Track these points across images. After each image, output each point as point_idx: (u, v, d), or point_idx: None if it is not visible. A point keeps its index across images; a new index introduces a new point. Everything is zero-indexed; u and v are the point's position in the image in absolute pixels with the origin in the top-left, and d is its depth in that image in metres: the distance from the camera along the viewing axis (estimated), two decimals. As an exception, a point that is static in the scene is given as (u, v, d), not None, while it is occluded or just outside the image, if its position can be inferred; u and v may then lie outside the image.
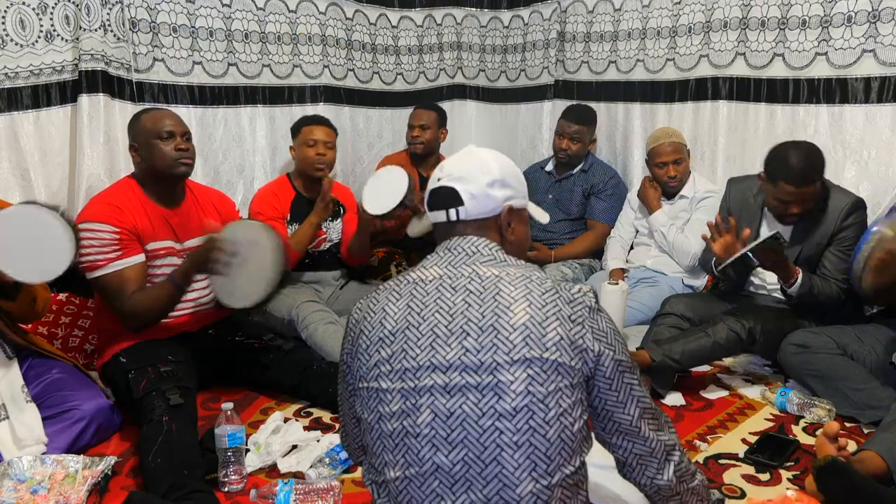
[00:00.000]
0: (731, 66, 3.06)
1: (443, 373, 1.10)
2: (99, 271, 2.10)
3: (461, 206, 1.22)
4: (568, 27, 3.67)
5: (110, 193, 2.22)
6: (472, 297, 1.14)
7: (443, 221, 1.24)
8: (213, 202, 2.44)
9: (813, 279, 2.39)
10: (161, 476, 1.74)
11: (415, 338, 1.13)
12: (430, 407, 1.10)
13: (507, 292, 1.12)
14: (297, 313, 2.64)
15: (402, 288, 1.19)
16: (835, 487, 1.64)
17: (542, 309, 1.10)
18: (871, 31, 2.62)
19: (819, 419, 2.17)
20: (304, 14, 3.39)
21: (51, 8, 2.58)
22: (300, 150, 2.92)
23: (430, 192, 1.26)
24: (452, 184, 1.23)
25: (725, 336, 2.33)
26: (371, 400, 1.17)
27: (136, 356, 2.12)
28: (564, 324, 1.10)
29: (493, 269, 1.16)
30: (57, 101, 2.65)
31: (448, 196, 1.23)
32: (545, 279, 1.16)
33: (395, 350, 1.14)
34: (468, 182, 1.22)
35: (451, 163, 1.27)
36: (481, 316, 1.11)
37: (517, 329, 1.09)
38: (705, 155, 3.21)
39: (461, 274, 1.17)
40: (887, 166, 2.65)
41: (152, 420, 1.89)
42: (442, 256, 1.22)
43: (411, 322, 1.15)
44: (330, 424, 2.20)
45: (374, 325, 1.18)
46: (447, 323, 1.13)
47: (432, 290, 1.17)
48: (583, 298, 1.14)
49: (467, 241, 1.21)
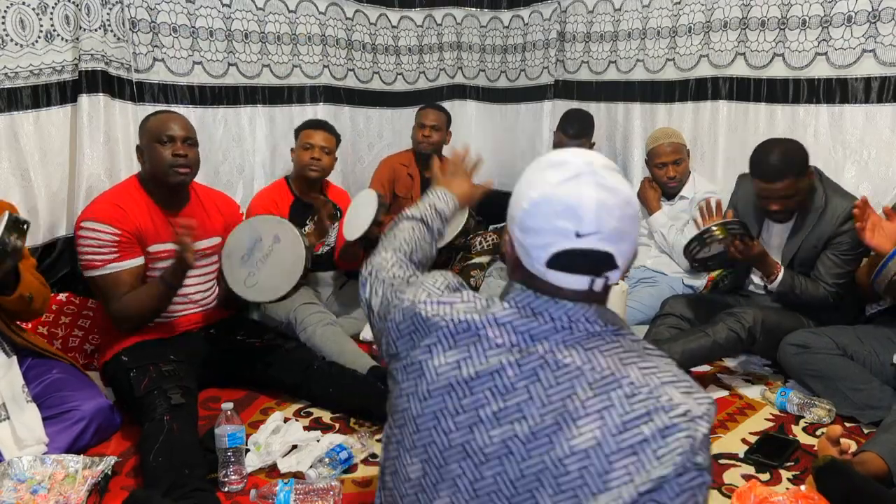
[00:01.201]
0: (731, 66, 3.06)
1: (474, 467, 0.92)
2: (94, 271, 2.10)
3: (613, 270, 0.93)
4: (568, 27, 3.67)
5: (115, 193, 2.22)
6: (537, 387, 0.91)
7: (572, 289, 0.94)
8: (217, 204, 2.45)
9: (796, 278, 2.40)
10: (162, 475, 1.74)
11: (453, 408, 0.94)
12: (451, 497, 0.94)
13: (581, 397, 0.88)
14: (296, 315, 2.64)
15: (459, 335, 0.97)
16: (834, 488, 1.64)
17: (615, 436, 0.86)
18: (871, 31, 2.62)
19: (819, 419, 2.17)
20: (304, 14, 3.39)
21: (51, 8, 2.58)
22: (297, 151, 2.93)
23: (564, 254, 0.91)
24: (607, 247, 0.90)
25: (725, 336, 2.33)
26: (391, 446, 1.03)
27: (137, 355, 2.12)
28: (642, 463, 0.85)
29: (577, 355, 0.91)
30: (57, 101, 2.64)
31: (597, 261, 0.92)
32: (641, 382, 0.88)
33: (426, 410, 0.96)
34: (624, 241, 0.92)
35: (590, 216, 0.89)
36: (539, 418, 0.89)
37: (576, 454, 0.87)
38: (705, 155, 3.22)
39: (536, 350, 0.93)
40: (887, 166, 2.65)
41: (153, 419, 1.89)
42: (522, 316, 0.96)
43: (454, 387, 0.95)
44: (330, 424, 2.20)
45: (415, 362, 1.00)
46: (497, 410, 0.92)
47: (493, 358, 0.94)
48: (683, 432, 0.85)
49: (560, 310, 0.94)
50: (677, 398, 0.87)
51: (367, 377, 2.33)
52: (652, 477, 0.84)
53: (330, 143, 2.93)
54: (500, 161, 4.16)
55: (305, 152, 2.88)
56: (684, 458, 0.85)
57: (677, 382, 0.90)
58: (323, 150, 2.88)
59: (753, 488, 1.62)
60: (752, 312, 2.37)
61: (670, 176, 3.05)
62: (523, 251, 0.96)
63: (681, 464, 0.85)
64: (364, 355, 2.50)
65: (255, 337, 2.40)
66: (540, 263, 0.93)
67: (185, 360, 2.15)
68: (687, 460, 0.85)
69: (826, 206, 2.38)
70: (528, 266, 0.96)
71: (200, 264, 2.33)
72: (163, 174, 2.18)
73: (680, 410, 0.86)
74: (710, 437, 0.89)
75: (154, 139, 2.16)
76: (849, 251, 2.35)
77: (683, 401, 0.87)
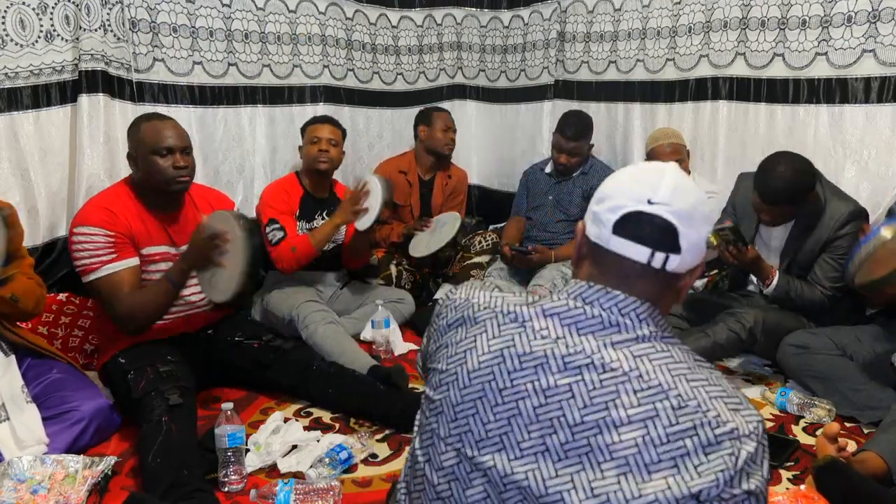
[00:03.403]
0: (731, 66, 3.06)
1: (508, 461, 0.90)
2: (93, 275, 2.09)
3: (675, 253, 0.91)
4: (568, 27, 3.66)
5: (104, 197, 2.21)
6: (580, 386, 0.88)
7: (632, 260, 0.92)
8: (211, 203, 2.43)
9: (792, 283, 2.40)
10: (161, 476, 1.74)
11: (493, 398, 0.92)
12: (485, 487, 0.92)
13: (626, 404, 0.86)
14: (298, 313, 2.65)
15: (505, 326, 0.96)
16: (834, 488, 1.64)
17: (657, 447, 0.84)
18: (871, 31, 2.62)
19: (819, 419, 2.17)
20: (304, 14, 3.39)
21: (51, 8, 2.58)
22: (305, 147, 2.96)
23: (633, 216, 0.91)
24: (675, 221, 0.90)
25: (725, 336, 2.33)
26: (426, 435, 1.00)
27: (135, 356, 2.12)
28: (682, 475, 0.83)
29: (625, 359, 0.89)
30: (57, 101, 2.64)
31: (663, 232, 0.91)
32: (689, 395, 0.86)
33: (465, 397, 0.95)
34: (692, 226, 0.91)
35: (667, 187, 0.91)
36: (580, 419, 0.87)
37: (615, 460, 0.85)
38: (705, 155, 3.21)
39: (582, 348, 0.90)
40: (887, 166, 2.65)
41: (151, 420, 1.89)
42: (572, 307, 0.94)
43: (496, 376, 0.93)
44: (330, 424, 2.20)
45: (459, 350, 0.99)
46: (537, 405, 0.90)
47: (538, 349, 0.92)
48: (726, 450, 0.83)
49: (611, 301, 0.92)
50: (725, 415, 0.85)
51: (367, 377, 2.33)
52: (688, 491, 0.82)
53: (336, 135, 2.96)
54: (500, 161, 4.16)
55: (313, 146, 2.91)
56: (725, 475, 0.83)
57: (726, 398, 0.87)
58: (330, 142, 2.92)
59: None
60: (753, 313, 2.37)
61: (670, 176, 3.04)
62: (594, 220, 0.96)
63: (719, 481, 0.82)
64: (364, 355, 2.50)
65: (254, 338, 2.39)
66: (607, 228, 0.92)
67: (182, 361, 2.15)
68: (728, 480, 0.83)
69: (825, 209, 2.38)
70: (595, 237, 0.95)
71: None
72: (164, 185, 2.16)
73: (727, 428, 0.84)
74: (759, 457, 0.86)
75: (151, 151, 2.13)
76: (845, 255, 2.35)
77: (731, 418, 0.85)
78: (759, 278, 2.45)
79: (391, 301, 2.96)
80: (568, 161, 3.29)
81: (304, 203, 2.94)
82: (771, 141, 2.93)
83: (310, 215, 2.94)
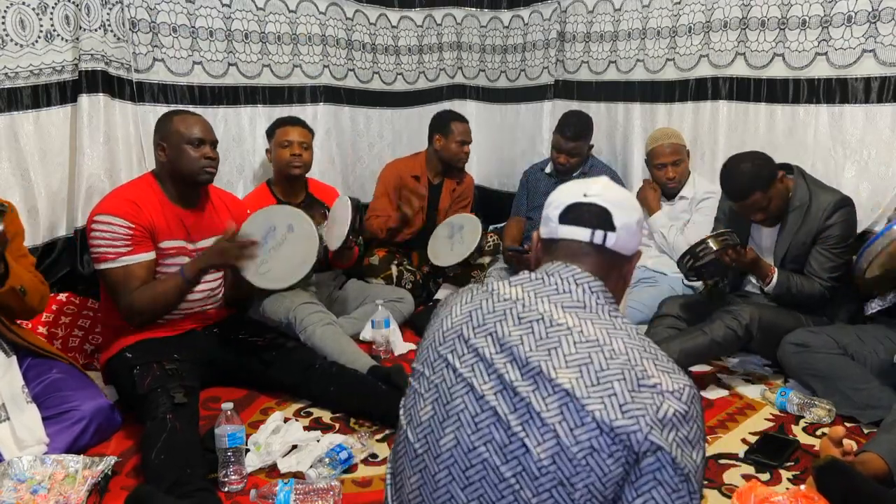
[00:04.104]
0: (731, 66, 3.06)
1: (475, 399, 1.03)
2: (107, 263, 2.12)
3: (612, 231, 1.09)
4: (568, 27, 3.66)
5: (130, 189, 2.25)
6: (529, 337, 1.03)
7: (577, 241, 1.10)
8: (227, 203, 2.48)
9: (791, 278, 2.42)
10: (164, 473, 1.74)
11: (461, 349, 1.07)
12: (455, 433, 1.04)
13: (564, 352, 1.00)
14: (295, 315, 2.63)
15: (477, 294, 1.13)
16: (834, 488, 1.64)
17: (588, 387, 0.96)
18: (871, 31, 2.62)
19: (819, 419, 2.17)
20: (304, 14, 3.39)
21: (51, 8, 2.58)
22: (275, 151, 2.91)
23: (573, 206, 1.11)
24: (606, 206, 1.10)
25: (723, 334, 2.34)
26: (409, 398, 1.14)
27: (142, 352, 2.13)
28: (607, 412, 0.94)
29: (570, 318, 1.03)
30: (57, 101, 2.65)
31: (599, 216, 1.09)
32: (622, 351, 0.99)
33: (440, 354, 1.10)
34: (623, 211, 1.10)
35: (598, 186, 1.13)
36: (526, 360, 1.01)
37: (556, 394, 0.97)
38: (705, 155, 3.21)
39: (536, 307, 1.06)
40: (887, 166, 2.65)
41: (156, 417, 1.89)
42: (534, 278, 1.11)
43: (464, 332, 1.09)
44: (330, 424, 2.20)
45: (438, 320, 1.15)
46: (495, 350, 1.04)
47: (500, 309, 1.08)
48: (648, 399, 0.95)
49: (569, 272, 1.08)
50: (651, 371, 0.97)
51: (367, 377, 2.33)
52: (612, 425, 0.93)
53: (307, 138, 2.93)
54: (500, 161, 4.16)
55: (284, 150, 2.87)
56: (645, 419, 0.93)
57: (657, 361, 0.99)
58: (302, 146, 2.88)
59: (753, 488, 1.62)
60: (749, 310, 2.38)
61: (669, 177, 3.05)
62: (544, 222, 1.16)
63: (641, 425, 0.93)
64: (364, 355, 2.50)
65: (258, 336, 2.40)
66: (554, 222, 1.13)
67: (188, 359, 2.16)
68: (649, 426, 0.93)
69: (810, 201, 2.41)
70: (547, 234, 1.15)
71: None
72: (193, 174, 2.23)
73: (650, 382, 0.96)
74: (691, 421, 0.95)
75: (184, 140, 2.20)
76: (838, 244, 2.39)
77: (656, 374, 0.97)
78: (758, 278, 2.48)
79: (391, 301, 2.95)
80: (567, 161, 3.29)
81: None
82: (771, 141, 2.94)
83: None
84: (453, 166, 3.47)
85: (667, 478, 0.93)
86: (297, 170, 2.87)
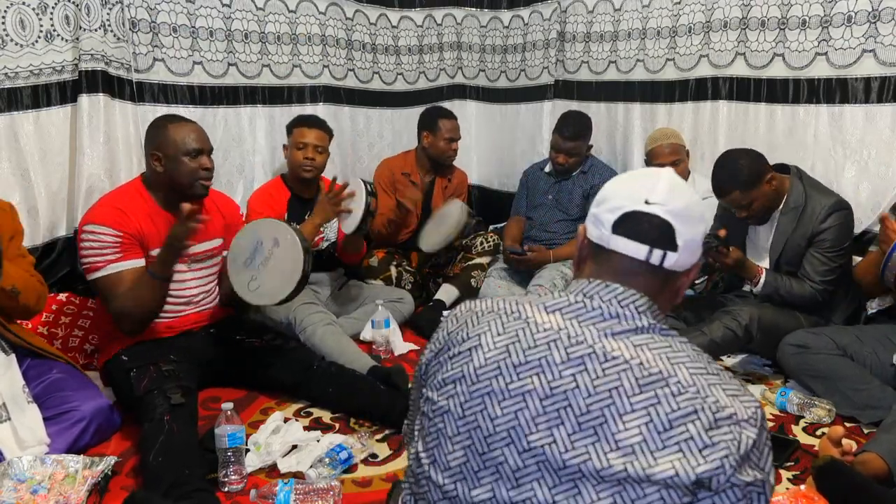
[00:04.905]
0: (731, 66, 3.06)
1: (518, 454, 0.91)
2: (97, 273, 2.10)
3: (672, 251, 0.94)
4: (568, 27, 3.66)
5: (117, 196, 2.22)
6: (584, 377, 0.90)
7: (630, 257, 0.95)
8: (217, 205, 2.44)
9: (779, 280, 2.42)
10: (162, 475, 1.74)
11: (501, 393, 0.93)
12: (492, 485, 0.93)
13: (628, 392, 0.88)
14: (295, 315, 2.64)
15: (510, 322, 0.98)
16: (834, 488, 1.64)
17: (661, 433, 0.86)
18: (871, 31, 2.62)
19: (819, 419, 2.17)
20: (304, 14, 3.39)
21: (51, 8, 2.58)
22: (291, 151, 2.93)
23: (631, 215, 0.96)
24: (671, 219, 0.94)
25: (722, 334, 2.34)
26: (430, 437, 1.00)
27: (138, 354, 2.13)
28: (687, 460, 0.84)
29: (625, 348, 0.91)
30: (57, 101, 2.65)
31: (659, 230, 0.94)
32: (689, 382, 0.88)
33: (473, 394, 0.95)
34: (688, 225, 0.95)
35: (662, 189, 0.96)
36: (586, 409, 0.89)
37: (621, 449, 0.86)
38: (705, 155, 3.21)
39: (584, 339, 0.93)
40: (887, 166, 2.65)
41: (153, 419, 1.89)
42: (573, 303, 0.97)
43: (503, 371, 0.94)
44: (330, 424, 2.20)
45: (463, 350, 0.99)
46: (543, 397, 0.91)
47: (542, 342, 0.94)
48: (728, 434, 0.85)
49: (611, 293, 0.95)
50: (724, 400, 0.87)
51: (367, 377, 2.33)
52: (695, 475, 0.84)
53: (323, 141, 2.93)
54: (500, 161, 4.16)
55: (299, 152, 2.88)
56: (730, 460, 0.84)
57: (725, 385, 0.90)
58: (316, 149, 2.89)
59: (753, 488, 1.62)
60: (749, 310, 2.38)
61: (669, 177, 3.04)
62: (594, 222, 1.00)
63: (725, 467, 0.84)
64: (364, 355, 2.50)
65: (256, 337, 2.40)
66: (607, 228, 0.97)
67: (185, 360, 2.16)
68: (735, 465, 0.84)
69: (806, 203, 2.41)
70: (597, 238, 0.99)
71: (201, 266, 2.33)
72: (189, 185, 2.19)
73: (725, 413, 0.86)
74: (762, 445, 0.88)
75: (182, 152, 2.16)
76: (832, 247, 2.38)
77: (730, 403, 0.87)
78: (746, 278, 2.48)
79: (391, 301, 2.96)
80: (566, 161, 3.29)
81: (291, 206, 2.92)
82: (771, 141, 2.94)
83: (299, 217, 2.92)
84: (442, 164, 3.47)
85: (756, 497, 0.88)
86: (308, 173, 2.88)
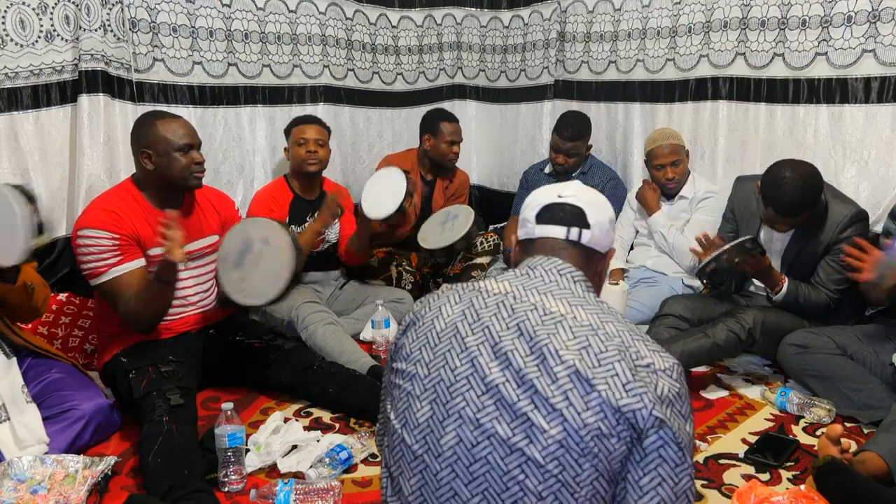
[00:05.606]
0: (731, 66, 3.06)
1: (477, 396, 1.05)
2: (100, 278, 2.09)
3: (586, 228, 1.16)
4: (568, 27, 3.66)
5: (108, 199, 2.20)
6: (526, 324, 1.06)
7: (554, 238, 1.17)
8: (213, 202, 2.44)
9: (800, 288, 2.41)
10: (161, 476, 1.74)
11: (459, 348, 1.09)
12: (457, 430, 1.05)
13: (563, 337, 1.04)
14: (297, 314, 2.64)
15: (465, 293, 1.15)
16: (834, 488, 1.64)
17: (591, 369, 1.01)
18: (871, 31, 2.62)
19: (819, 419, 2.17)
20: (304, 14, 3.39)
21: (51, 8, 2.58)
22: (292, 149, 2.94)
23: (549, 207, 1.19)
24: (580, 205, 1.18)
25: (724, 337, 2.33)
26: (400, 402, 1.13)
27: (136, 356, 2.12)
28: (612, 393, 0.99)
29: (562, 306, 1.08)
30: (57, 101, 2.65)
31: (574, 214, 1.17)
32: (615, 333, 1.04)
33: (437, 353, 1.10)
34: (596, 210, 1.18)
35: (572, 188, 1.21)
36: (529, 351, 1.04)
37: (561, 379, 1.01)
38: (705, 155, 3.21)
39: (527, 298, 1.10)
40: (887, 166, 2.65)
41: (152, 420, 1.89)
42: (519, 274, 1.15)
43: (460, 330, 1.10)
44: (330, 424, 2.20)
45: (427, 321, 1.15)
46: (493, 343, 1.07)
47: (492, 304, 1.11)
48: (646, 377, 1.01)
49: (552, 264, 1.14)
50: (644, 351, 1.04)
51: (367, 377, 2.33)
52: (619, 404, 0.98)
53: (323, 135, 2.95)
54: (500, 161, 4.16)
55: (300, 148, 2.89)
56: (649, 396, 0.98)
57: (646, 342, 1.06)
58: (317, 143, 2.90)
59: (753, 488, 1.62)
60: (752, 313, 2.37)
61: (668, 177, 3.04)
62: (521, 225, 1.23)
63: (645, 402, 0.98)
64: (364, 355, 2.50)
65: (255, 337, 2.40)
66: (531, 222, 1.20)
67: (184, 361, 2.15)
68: (653, 402, 0.98)
69: (826, 212, 2.38)
70: (525, 234, 1.22)
71: (198, 264, 2.33)
72: (182, 180, 2.19)
73: (644, 362, 1.02)
74: (679, 400, 1.02)
75: (173, 148, 2.15)
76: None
77: (649, 355, 1.03)
78: (767, 286, 2.45)
79: (391, 301, 2.96)
80: (565, 161, 3.29)
81: (294, 207, 2.93)
82: (771, 141, 2.94)
83: (301, 218, 2.92)
84: (443, 166, 3.47)
85: (671, 454, 0.99)
86: (312, 166, 2.89)
